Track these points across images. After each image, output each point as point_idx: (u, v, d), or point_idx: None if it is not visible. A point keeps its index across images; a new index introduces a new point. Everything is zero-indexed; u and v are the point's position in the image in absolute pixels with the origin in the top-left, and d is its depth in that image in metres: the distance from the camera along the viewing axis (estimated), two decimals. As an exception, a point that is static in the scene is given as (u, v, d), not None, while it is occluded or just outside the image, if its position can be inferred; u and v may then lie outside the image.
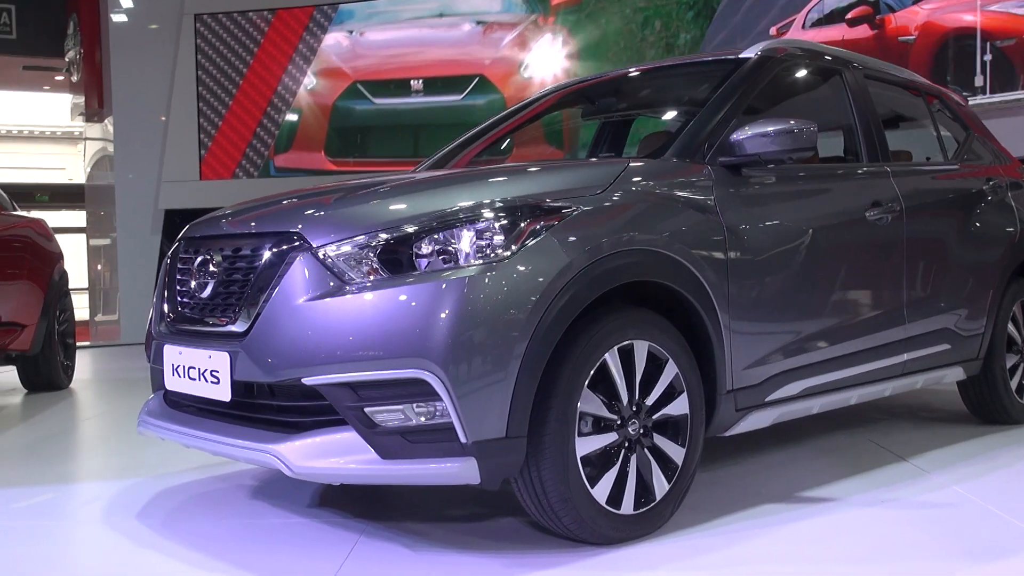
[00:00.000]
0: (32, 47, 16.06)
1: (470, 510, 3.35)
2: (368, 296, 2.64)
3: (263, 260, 2.84)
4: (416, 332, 2.58)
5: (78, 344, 7.55)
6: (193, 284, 3.09)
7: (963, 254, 4.33)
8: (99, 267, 14.33)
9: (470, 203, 2.79)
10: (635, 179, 3.11)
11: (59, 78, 16.98)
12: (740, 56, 3.82)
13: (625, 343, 2.89)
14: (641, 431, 2.94)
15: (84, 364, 8.84)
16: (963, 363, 4.35)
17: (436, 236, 2.71)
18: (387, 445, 2.63)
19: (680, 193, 3.18)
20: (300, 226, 2.82)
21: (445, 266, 2.67)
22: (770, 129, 3.27)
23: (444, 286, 2.61)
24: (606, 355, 2.84)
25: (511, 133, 4.46)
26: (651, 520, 2.97)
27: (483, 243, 2.71)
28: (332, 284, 2.69)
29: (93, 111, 14.19)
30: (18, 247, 6.30)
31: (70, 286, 7.15)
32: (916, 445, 4.18)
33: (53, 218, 22.27)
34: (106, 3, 12.35)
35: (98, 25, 13.18)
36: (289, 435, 2.72)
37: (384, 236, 2.71)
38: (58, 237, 7.10)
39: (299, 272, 2.73)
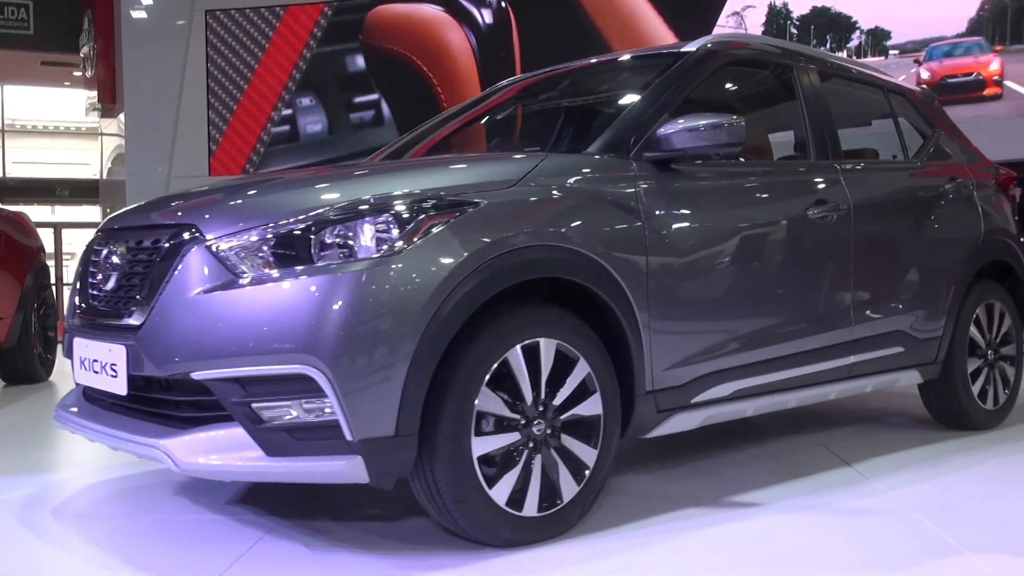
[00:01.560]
0: (49, 42, 16.24)
1: (388, 510, 3.29)
2: (256, 290, 2.59)
3: (161, 253, 2.80)
4: (301, 327, 2.53)
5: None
6: (100, 276, 3.06)
7: (919, 254, 4.21)
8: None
9: (368, 196, 2.73)
10: (550, 174, 3.04)
11: (77, 74, 17.14)
12: (682, 50, 3.74)
13: (530, 341, 2.83)
14: (548, 431, 2.87)
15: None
16: (919, 367, 4.22)
17: (331, 230, 2.65)
18: (273, 442, 2.59)
19: (599, 188, 3.10)
20: (196, 218, 2.78)
21: (336, 261, 2.61)
22: (698, 124, 3.18)
23: (331, 281, 2.55)
24: (509, 353, 2.78)
25: (461, 129, 4.40)
26: (557, 523, 2.90)
27: (379, 237, 2.64)
28: (224, 277, 2.64)
29: (106, 107, 14.30)
30: (-10, 241, 6.31)
31: (51, 280, 7.16)
32: (867, 450, 4.06)
33: (73, 213, 22.44)
34: (120, -1, 12.46)
35: (112, 21, 13.30)
36: (177, 431, 2.68)
37: (277, 229, 2.66)
38: (76, 232, 7.12)
39: (192, 265, 2.69)
